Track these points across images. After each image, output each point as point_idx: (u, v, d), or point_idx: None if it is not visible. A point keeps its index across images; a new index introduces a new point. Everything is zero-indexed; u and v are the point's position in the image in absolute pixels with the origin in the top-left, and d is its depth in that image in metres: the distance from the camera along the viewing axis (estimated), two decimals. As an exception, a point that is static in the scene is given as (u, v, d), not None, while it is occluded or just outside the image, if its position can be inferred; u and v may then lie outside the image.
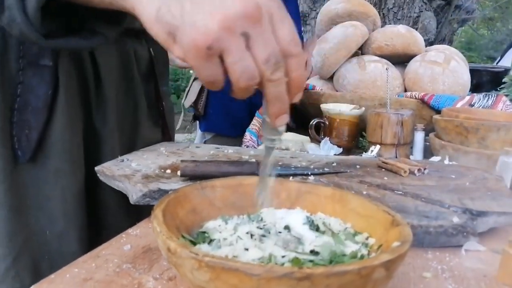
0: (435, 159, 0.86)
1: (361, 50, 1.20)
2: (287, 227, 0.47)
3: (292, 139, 1.08)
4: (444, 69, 1.08)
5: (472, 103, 1.03)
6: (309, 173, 0.72)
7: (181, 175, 0.69)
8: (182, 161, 0.69)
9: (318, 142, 1.04)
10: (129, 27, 0.78)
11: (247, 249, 0.42)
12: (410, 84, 1.11)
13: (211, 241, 0.44)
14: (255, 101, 1.49)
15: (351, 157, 0.86)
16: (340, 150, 1.01)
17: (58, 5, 0.51)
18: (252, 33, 0.38)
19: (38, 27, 0.50)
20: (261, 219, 0.48)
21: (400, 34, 1.13)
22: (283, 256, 0.41)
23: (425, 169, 0.72)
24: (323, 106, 1.04)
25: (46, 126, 0.67)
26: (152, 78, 0.90)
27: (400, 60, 1.17)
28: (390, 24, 2.28)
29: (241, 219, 0.47)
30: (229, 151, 0.88)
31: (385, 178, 0.70)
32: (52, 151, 0.68)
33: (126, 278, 0.47)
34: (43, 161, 0.68)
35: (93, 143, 0.77)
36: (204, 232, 0.45)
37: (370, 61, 1.12)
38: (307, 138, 1.10)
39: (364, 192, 0.64)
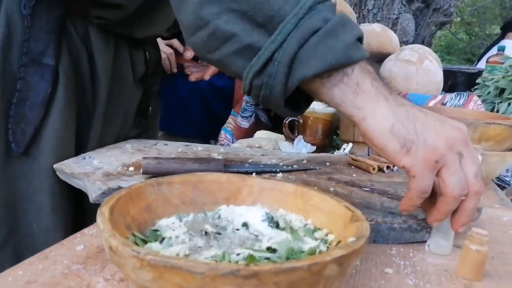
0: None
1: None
2: (245, 224, 0.45)
3: (265, 137, 1.06)
4: (418, 69, 1.08)
5: (444, 102, 1.03)
6: (278, 170, 0.70)
7: (143, 173, 0.66)
8: (144, 158, 0.67)
9: (292, 140, 1.03)
10: (130, 36, 0.84)
11: (200, 247, 0.40)
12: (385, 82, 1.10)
13: (163, 239, 0.42)
14: (209, 99, 1.47)
15: (322, 154, 0.85)
16: (314, 148, 1.00)
17: None
18: (464, 153, 0.46)
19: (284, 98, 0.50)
20: (219, 217, 0.46)
21: (375, 33, 1.13)
22: (238, 254, 0.39)
23: (394, 166, 0.71)
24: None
25: (42, 122, 0.69)
26: (145, 80, 0.92)
27: (375, 59, 1.16)
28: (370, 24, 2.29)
29: (197, 217, 0.45)
30: (198, 149, 0.86)
31: (354, 175, 0.69)
32: (46, 146, 0.70)
33: (74, 280, 0.44)
34: (36, 155, 0.70)
35: (81, 142, 0.79)
36: (157, 230, 0.43)
37: (344, 59, 1.12)
38: (282, 136, 1.08)
39: (332, 189, 0.62)
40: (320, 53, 0.46)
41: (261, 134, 1.09)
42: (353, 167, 0.74)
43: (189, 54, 1.39)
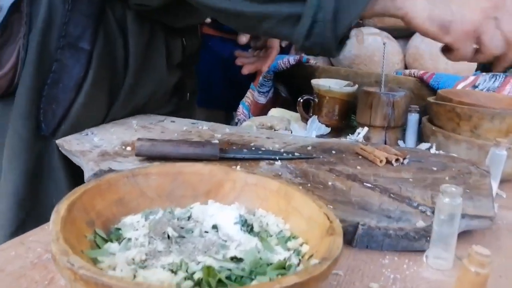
0: (423, 146, 0.78)
1: (362, 22, 1.11)
2: (215, 227, 0.42)
3: (279, 115, 1.01)
4: (450, 45, 0.98)
5: (476, 84, 0.93)
6: (277, 158, 0.66)
7: (136, 155, 0.64)
8: (138, 139, 0.65)
9: (306, 120, 0.97)
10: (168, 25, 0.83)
11: (159, 252, 0.38)
12: (411, 60, 1.01)
13: (124, 239, 0.39)
14: (232, 70, 1.42)
15: (330, 140, 0.79)
16: (328, 130, 0.94)
17: None
18: (499, 16, 0.56)
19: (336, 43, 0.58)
20: (189, 216, 0.43)
21: (404, 4, 1.03)
22: (198, 263, 0.37)
23: (404, 159, 0.65)
24: (313, 81, 0.97)
25: (71, 104, 0.72)
26: (182, 66, 0.91)
27: (403, 34, 1.07)
28: None
29: (163, 216, 0.42)
30: (204, 128, 0.83)
31: (358, 167, 0.64)
32: (69, 127, 0.72)
33: (40, 272, 0.43)
34: (61, 135, 0.72)
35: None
36: (119, 229, 0.41)
37: (369, 34, 1.03)
38: (297, 115, 1.03)
39: (330, 183, 0.58)
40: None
41: (275, 112, 1.05)
42: (360, 157, 0.68)
43: (244, 39, 1.34)
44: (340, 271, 0.44)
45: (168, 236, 0.39)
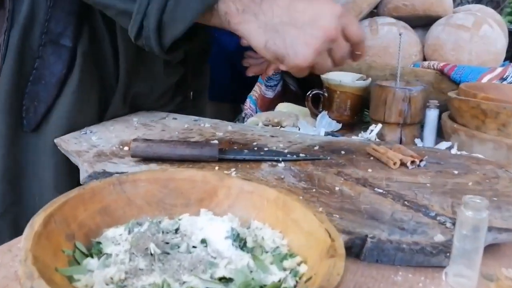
0: (443, 145, 0.72)
1: (376, 10, 1.04)
2: (204, 241, 0.37)
3: (287, 111, 0.96)
4: (473, 35, 0.91)
5: (504, 76, 0.87)
6: (280, 160, 0.61)
7: (132, 156, 0.61)
8: (133, 140, 0.61)
9: (315, 116, 0.92)
10: None
11: (141, 270, 0.34)
12: (430, 52, 0.95)
13: (103, 255, 0.36)
14: (238, 62, 1.38)
15: (340, 139, 0.74)
16: (339, 126, 0.89)
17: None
18: (333, 46, 0.57)
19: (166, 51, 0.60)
20: (177, 229, 0.39)
21: (422, -9, 0.96)
22: (183, 283, 0.33)
23: (421, 160, 0.60)
24: (323, 76, 0.91)
25: (54, 101, 0.70)
26: (183, 65, 0.87)
27: (422, 23, 1.00)
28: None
29: (147, 230, 0.38)
30: (206, 125, 0.78)
31: (370, 170, 0.59)
32: (55, 125, 0.70)
33: (18, 287, 0.39)
34: (45, 132, 0.70)
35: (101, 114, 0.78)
36: (100, 243, 0.37)
37: (384, 23, 0.97)
38: (306, 110, 0.98)
39: (337, 188, 0.53)
40: (180, 14, 0.55)
41: (283, 106, 1.00)
42: (372, 158, 0.63)
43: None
44: (346, 290, 0.40)
45: (151, 253, 0.35)
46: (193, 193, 0.44)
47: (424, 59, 0.98)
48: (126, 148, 0.66)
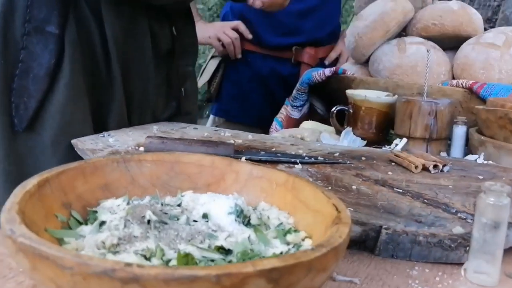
0: (470, 157, 0.69)
1: (405, 32, 1.04)
2: (205, 216, 0.36)
3: (311, 127, 0.95)
4: (503, 54, 0.88)
5: (538, 95, 0.83)
6: (297, 161, 0.59)
7: (145, 152, 0.60)
8: (147, 137, 0.61)
9: (340, 133, 0.90)
10: (149, 3, 0.77)
11: (135, 237, 0.32)
12: (459, 71, 0.92)
13: (97, 221, 0.34)
14: (271, 86, 1.38)
15: (362, 148, 0.72)
16: (364, 143, 0.86)
17: None
18: None
19: None
20: (179, 204, 0.38)
21: (451, 12, 0.95)
22: (178, 252, 0.31)
23: (444, 165, 0.57)
24: (348, 91, 0.90)
25: (46, 95, 0.65)
26: (171, 57, 0.85)
27: (451, 43, 0.98)
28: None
29: (150, 201, 0.37)
30: (226, 134, 0.78)
31: (390, 173, 0.56)
32: (50, 122, 0.65)
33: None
34: (40, 131, 0.66)
35: (100, 118, 0.74)
36: (96, 212, 0.36)
37: (412, 43, 0.95)
38: (331, 128, 0.96)
39: (354, 187, 0.51)
40: None
41: (307, 124, 0.98)
42: (393, 164, 0.60)
43: (250, 36, 1.33)
44: (356, 279, 0.36)
45: (148, 221, 0.33)
46: (200, 178, 0.43)
47: (453, 79, 0.95)
48: (141, 148, 0.66)
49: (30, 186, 0.33)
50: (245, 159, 0.59)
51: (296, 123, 1.11)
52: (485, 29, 2.19)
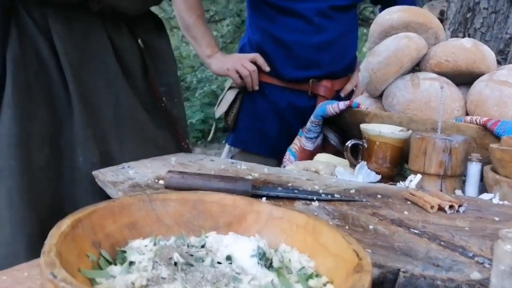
0: (485, 196, 0.69)
1: (419, 67, 1.06)
2: (229, 258, 0.37)
3: (325, 160, 0.96)
4: (517, 91, 0.90)
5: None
6: (314, 198, 0.61)
7: (166, 187, 0.62)
8: (168, 171, 0.63)
9: (355, 166, 0.91)
10: (104, 6, 0.73)
11: (163, 279, 0.34)
12: (473, 107, 0.93)
13: (126, 262, 0.36)
14: (288, 118, 1.39)
15: (377, 185, 0.73)
16: (378, 177, 0.87)
17: None
18: None
19: None
20: (203, 245, 0.39)
21: (464, 49, 0.97)
22: (204, 294, 0.32)
23: (460, 206, 0.57)
24: (363, 126, 0.92)
25: None
26: (139, 72, 0.82)
27: (465, 80, 1.00)
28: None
29: (173, 242, 0.38)
30: (242, 167, 0.80)
31: (406, 212, 0.57)
32: (0, 146, 0.63)
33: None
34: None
35: (60, 139, 0.70)
36: (125, 252, 0.38)
37: (426, 78, 0.97)
38: (345, 161, 0.97)
39: (371, 227, 0.51)
40: None
41: (321, 157, 1.00)
42: (409, 202, 0.61)
43: (268, 68, 1.36)
44: (375, 324, 0.37)
45: (175, 263, 0.35)
46: (222, 217, 0.45)
47: (467, 115, 0.96)
48: (161, 182, 0.67)
49: (64, 227, 0.34)
50: (263, 195, 0.61)
51: (309, 155, 1.12)
52: (498, 61, 2.19)
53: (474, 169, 0.78)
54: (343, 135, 1.18)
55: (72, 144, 0.70)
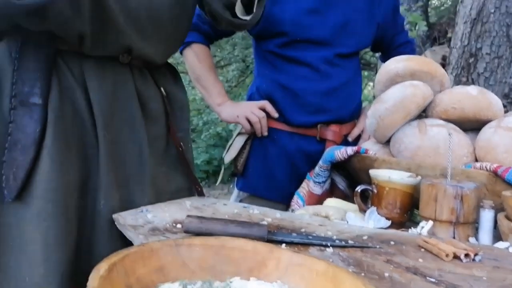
0: (501, 245, 0.70)
1: (425, 113, 1.09)
2: (253, 304, 0.38)
3: (335, 205, 0.97)
4: (525, 139, 0.92)
5: None
6: (329, 244, 0.61)
7: (185, 231, 0.63)
8: (187, 216, 0.64)
9: (364, 211, 0.92)
10: (131, 62, 0.78)
11: (191, 325, 0.35)
12: (482, 153, 0.95)
13: (157, 307, 0.37)
14: (297, 163, 1.41)
15: (389, 231, 0.74)
16: (388, 223, 0.88)
17: None
18: None
19: None
20: (227, 290, 0.40)
21: (470, 97, 1.00)
22: None
23: (476, 255, 0.58)
24: (372, 171, 0.93)
25: (33, 164, 0.66)
26: (162, 119, 0.86)
27: (472, 126, 1.02)
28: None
29: (202, 286, 0.40)
30: (255, 212, 0.81)
31: (420, 260, 0.57)
32: (37, 191, 0.66)
33: None
34: (28, 201, 0.66)
35: (88, 184, 0.73)
36: (154, 296, 0.39)
37: (433, 125, 1.00)
38: (355, 206, 0.98)
39: (386, 274, 0.52)
40: None
41: (331, 202, 1.01)
42: (423, 250, 0.62)
43: (277, 115, 1.40)
44: None
45: (201, 309, 0.36)
46: (244, 262, 0.46)
47: (476, 161, 0.98)
48: (179, 225, 0.69)
49: (103, 271, 0.36)
50: (278, 241, 0.62)
51: (318, 199, 1.14)
52: (503, 105, 2.23)
53: (487, 216, 0.79)
54: (350, 179, 1.20)
55: (96, 189, 0.73)
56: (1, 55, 0.68)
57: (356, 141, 1.52)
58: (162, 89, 0.86)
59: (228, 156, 1.42)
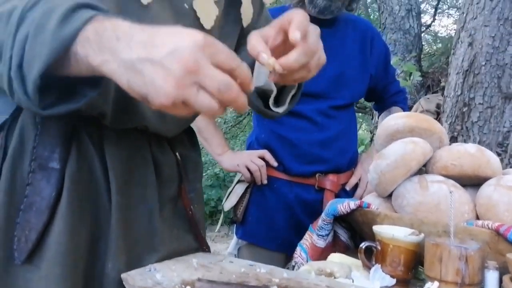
0: (507, 308, 0.70)
1: (425, 168, 1.11)
2: None
3: (339, 261, 0.97)
4: (525, 197, 0.94)
5: None
6: (339, 311, 0.62)
7: (195, 296, 0.63)
8: (198, 279, 0.64)
9: (369, 268, 0.92)
10: (148, 130, 0.80)
11: None
12: (483, 211, 0.97)
13: None
14: (296, 211, 1.42)
15: (397, 294, 0.73)
16: (393, 281, 0.88)
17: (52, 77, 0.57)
18: (199, 79, 0.50)
19: (38, 103, 0.56)
20: None
21: (468, 155, 1.03)
22: None
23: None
24: (375, 228, 0.94)
25: (46, 227, 0.67)
26: (175, 183, 0.87)
27: (471, 182, 1.05)
28: (475, 138, 2.14)
29: None
30: (262, 271, 0.81)
31: (432, 329, 0.57)
32: (48, 254, 0.66)
33: None
34: (37, 263, 0.66)
35: (97, 247, 0.73)
36: None
37: (434, 181, 1.02)
38: (358, 262, 0.98)
39: None
40: (35, 56, 0.52)
41: (335, 257, 1.01)
42: (433, 317, 0.62)
43: (276, 163, 1.42)
44: None
45: None
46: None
47: (477, 218, 0.99)
48: (188, 287, 0.69)
49: None
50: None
51: (321, 252, 1.14)
52: (498, 154, 2.24)
53: (492, 277, 0.79)
54: (352, 231, 1.20)
55: (105, 251, 0.73)
56: (26, 120, 0.70)
57: (353, 190, 1.54)
58: (177, 153, 0.88)
59: (228, 203, 1.43)
